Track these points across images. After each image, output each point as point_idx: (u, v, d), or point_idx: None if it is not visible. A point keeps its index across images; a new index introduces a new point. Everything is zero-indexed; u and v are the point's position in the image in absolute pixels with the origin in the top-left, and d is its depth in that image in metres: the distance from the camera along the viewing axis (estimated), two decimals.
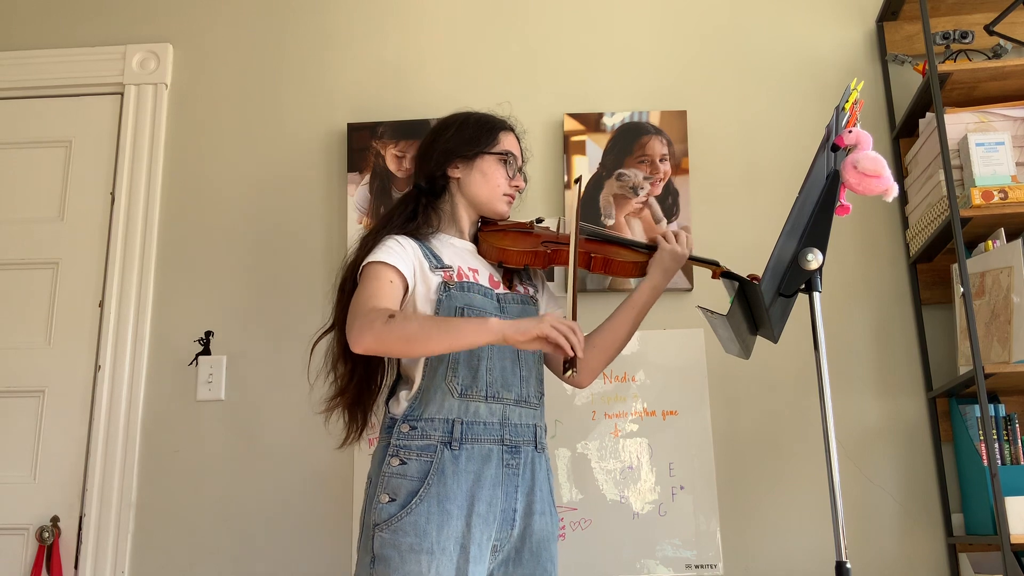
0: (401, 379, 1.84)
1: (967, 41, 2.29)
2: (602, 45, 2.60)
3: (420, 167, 1.97)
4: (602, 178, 2.46)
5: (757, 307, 1.58)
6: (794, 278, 1.58)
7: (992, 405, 2.08)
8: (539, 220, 2.02)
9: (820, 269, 1.56)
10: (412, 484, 1.70)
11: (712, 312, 1.78)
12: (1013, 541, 1.90)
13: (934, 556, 2.22)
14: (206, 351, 2.45)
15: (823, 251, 1.56)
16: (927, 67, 2.21)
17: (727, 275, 1.81)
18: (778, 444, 2.30)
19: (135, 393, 2.43)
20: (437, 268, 1.81)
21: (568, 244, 1.86)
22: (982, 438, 2.03)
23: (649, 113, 2.50)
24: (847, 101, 1.66)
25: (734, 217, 2.44)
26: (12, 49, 2.71)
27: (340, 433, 1.91)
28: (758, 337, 1.72)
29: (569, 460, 2.28)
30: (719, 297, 1.73)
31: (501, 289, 1.89)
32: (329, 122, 2.59)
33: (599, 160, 2.47)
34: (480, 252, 1.92)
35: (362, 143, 2.51)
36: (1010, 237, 2.13)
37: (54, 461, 2.42)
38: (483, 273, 1.88)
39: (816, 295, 1.57)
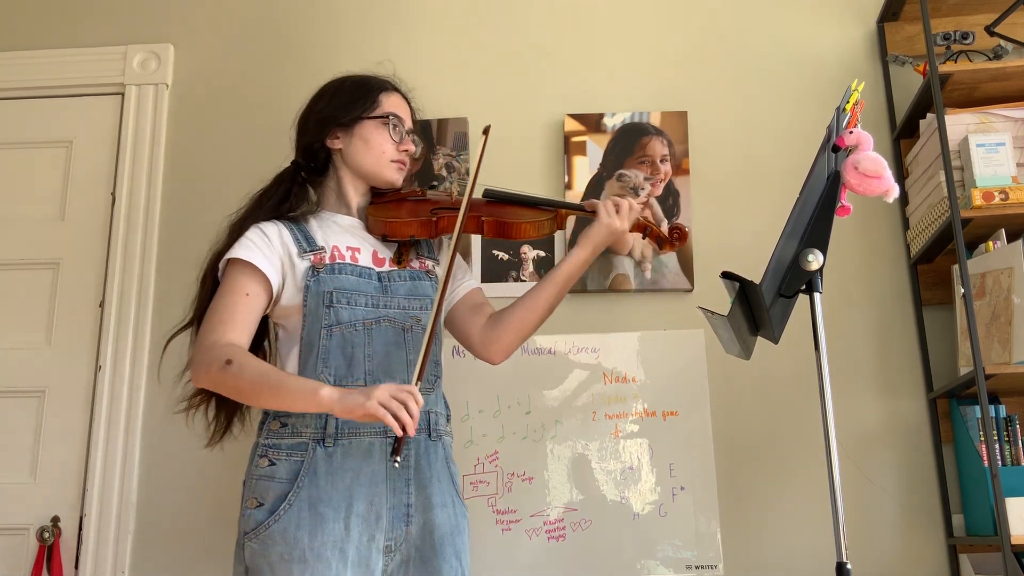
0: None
1: (968, 42, 2.29)
2: (603, 46, 2.60)
3: (297, 141, 1.84)
4: (603, 179, 2.46)
5: (758, 308, 1.58)
6: (795, 279, 1.58)
7: (992, 406, 2.08)
8: (432, 186, 1.88)
9: (821, 270, 1.56)
10: (281, 487, 1.59)
11: (713, 312, 1.78)
12: (1013, 542, 1.90)
13: (934, 557, 2.22)
14: None
15: (824, 252, 1.56)
16: (928, 68, 2.21)
17: (727, 275, 1.81)
18: (778, 444, 2.30)
19: (135, 393, 2.43)
20: (306, 252, 1.70)
21: (459, 209, 1.72)
22: (982, 439, 2.03)
23: (650, 114, 2.50)
24: (848, 102, 1.66)
25: (735, 218, 2.44)
26: (12, 49, 2.71)
27: (204, 433, 1.80)
28: (759, 338, 1.72)
29: (569, 460, 2.28)
30: (720, 298, 1.73)
31: (387, 266, 1.76)
32: None
33: (599, 161, 2.47)
34: (367, 228, 1.80)
35: None
36: (1011, 238, 2.13)
37: (54, 461, 2.42)
38: (366, 251, 1.76)
39: (817, 296, 1.57)
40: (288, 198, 1.78)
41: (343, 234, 1.77)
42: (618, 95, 2.55)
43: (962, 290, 2.04)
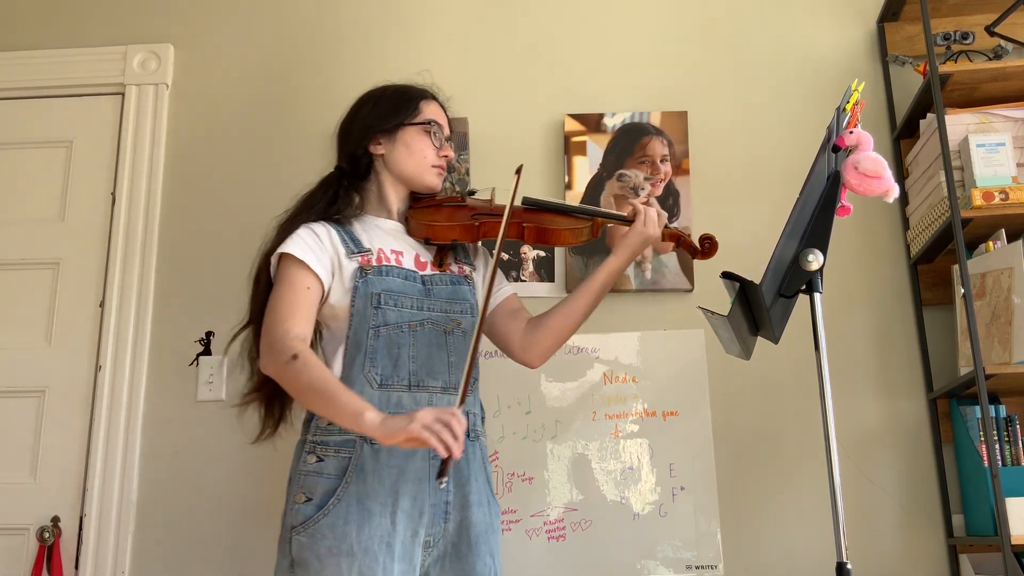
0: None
1: (968, 42, 2.29)
2: (603, 46, 2.60)
3: (341, 147, 1.90)
4: (603, 179, 2.46)
5: (758, 308, 1.58)
6: (795, 279, 1.58)
7: (993, 406, 2.08)
8: (471, 192, 1.95)
9: (821, 270, 1.57)
10: (329, 482, 1.64)
11: (713, 313, 1.78)
12: (1014, 542, 1.90)
13: (934, 557, 2.22)
14: (207, 351, 2.45)
15: (824, 252, 1.57)
16: (928, 68, 2.21)
17: (727, 275, 1.81)
18: (778, 445, 2.30)
19: (135, 393, 2.43)
20: (354, 253, 1.74)
21: (501, 216, 1.76)
22: (983, 439, 2.03)
23: (650, 114, 2.50)
24: (848, 102, 1.66)
25: (735, 218, 2.43)
26: (12, 49, 2.71)
27: (254, 429, 1.85)
28: (759, 338, 1.72)
29: (569, 460, 2.28)
30: (720, 298, 1.73)
31: (429, 270, 1.81)
32: (329, 122, 2.54)
33: (600, 161, 2.47)
34: (408, 231, 1.84)
35: None
36: (1011, 238, 2.13)
37: (54, 461, 2.42)
38: (408, 254, 1.81)
39: (817, 296, 1.57)
40: (335, 201, 1.82)
41: (386, 237, 1.81)
42: (618, 95, 2.55)
43: (962, 290, 2.04)
